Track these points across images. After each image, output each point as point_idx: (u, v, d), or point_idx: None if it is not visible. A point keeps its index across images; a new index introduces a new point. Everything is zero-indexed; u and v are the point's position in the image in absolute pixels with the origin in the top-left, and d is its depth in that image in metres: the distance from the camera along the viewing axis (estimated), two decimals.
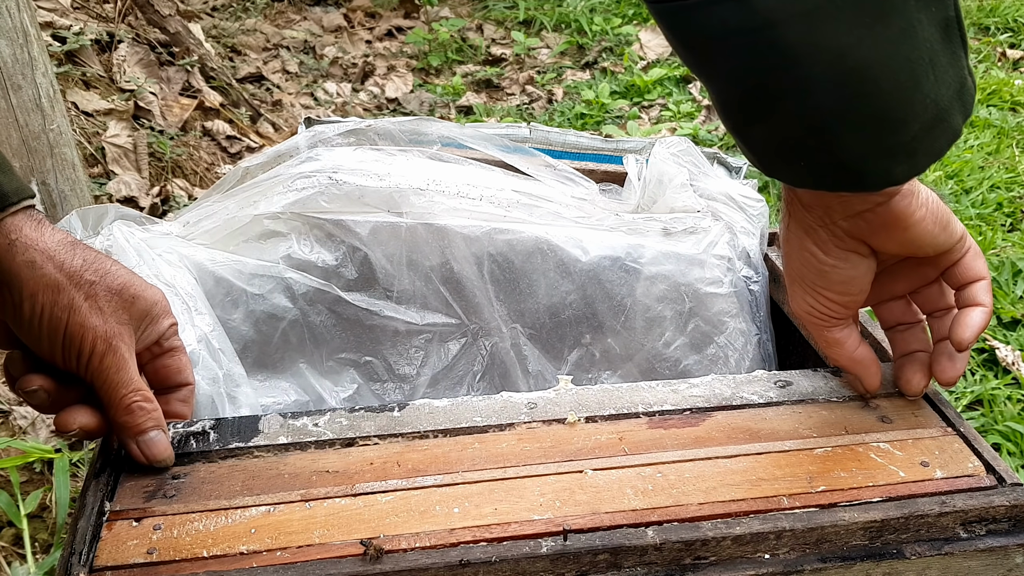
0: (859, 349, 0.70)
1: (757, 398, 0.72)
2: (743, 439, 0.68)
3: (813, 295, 0.67)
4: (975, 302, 0.67)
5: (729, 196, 0.97)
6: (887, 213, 0.62)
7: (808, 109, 0.55)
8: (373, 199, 0.88)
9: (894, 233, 0.63)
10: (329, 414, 0.70)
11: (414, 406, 0.71)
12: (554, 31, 3.31)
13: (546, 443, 0.68)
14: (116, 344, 0.63)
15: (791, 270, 0.68)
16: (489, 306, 0.91)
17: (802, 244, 0.66)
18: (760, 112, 0.57)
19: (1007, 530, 0.62)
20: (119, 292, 0.64)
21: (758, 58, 0.53)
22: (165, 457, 0.64)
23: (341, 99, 2.78)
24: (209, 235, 0.88)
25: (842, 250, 0.65)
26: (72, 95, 2.07)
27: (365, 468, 0.65)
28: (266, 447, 0.67)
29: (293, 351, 0.90)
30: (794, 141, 0.57)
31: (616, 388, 0.73)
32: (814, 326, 0.69)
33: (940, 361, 0.69)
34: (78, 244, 0.64)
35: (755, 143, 0.60)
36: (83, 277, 0.62)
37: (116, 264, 0.65)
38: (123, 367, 0.63)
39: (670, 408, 0.71)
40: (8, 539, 1.19)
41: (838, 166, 0.58)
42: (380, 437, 0.68)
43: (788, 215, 0.67)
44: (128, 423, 0.63)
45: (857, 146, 0.56)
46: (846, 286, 0.66)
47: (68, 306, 0.61)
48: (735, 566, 0.59)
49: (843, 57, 0.52)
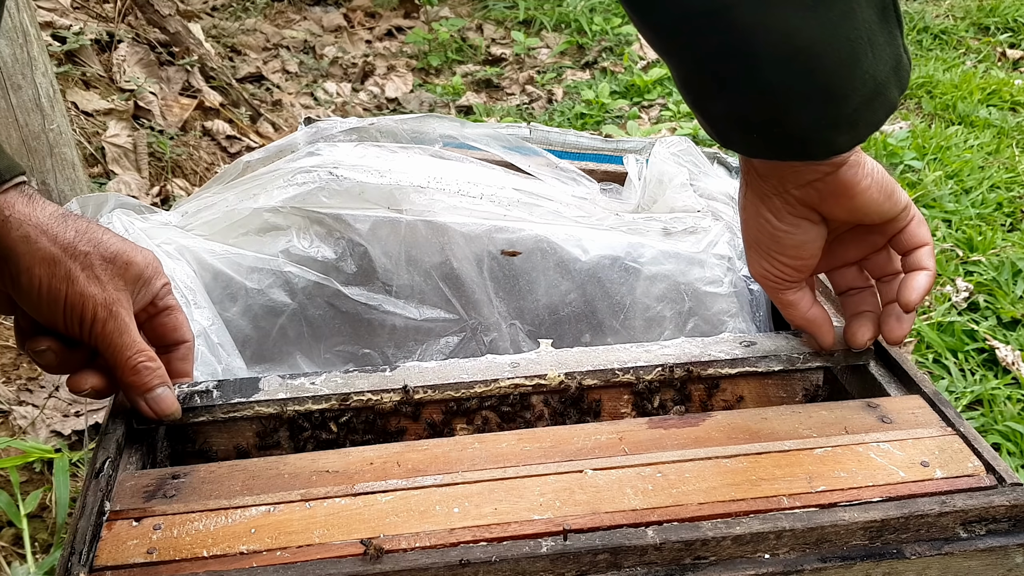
0: (812, 309, 0.75)
1: (724, 355, 0.77)
2: (743, 439, 0.68)
3: (768, 259, 0.73)
4: (920, 266, 0.72)
5: (729, 196, 0.97)
6: (835, 182, 0.67)
7: (759, 84, 0.60)
8: (373, 195, 0.88)
9: (842, 201, 0.68)
10: (325, 375, 0.74)
11: (404, 367, 0.75)
12: (554, 31, 3.31)
13: (546, 443, 0.68)
14: (116, 310, 0.65)
15: (748, 236, 0.74)
16: (488, 303, 0.91)
17: (758, 211, 0.71)
18: (717, 88, 0.62)
19: (1007, 530, 0.62)
20: (113, 259, 0.66)
21: (716, 37, 0.59)
22: (173, 411, 0.68)
23: (341, 99, 2.77)
24: (208, 226, 0.88)
25: (795, 217, 0.70)
26: (72, 95, 2.07)
27: (365, 468, 0.65)
28: (266, 402, 0.71)
29: (291, 344, 0.90)
30: (747, 114, 0.63)
31: (593, 349, 0.78)
32: (770, 288, 0.75)
33: (888, 321, 0.74)
34: (69, 216, 0.66)
35: (713, 117, 0.66)
36: (77, 248, 0.64)
37: (107, 232, 0.67)
38: (125, 330, 0.66)
39: (643, 364, 0.76)
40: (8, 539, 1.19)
41: (787, 137, 0.64)
42: (373, 392, 0.72)
43: (745, 184, 0.72)
44: (135, 382, 0.66)
45: (803, 118, 0.62)
46: (798, 250, 0.71)
47: (66, 277, 0.64)
48: (735, 566, 0.59)
49: (790, 36, 0.57)
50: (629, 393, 0.77)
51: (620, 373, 0.75)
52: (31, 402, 1.38)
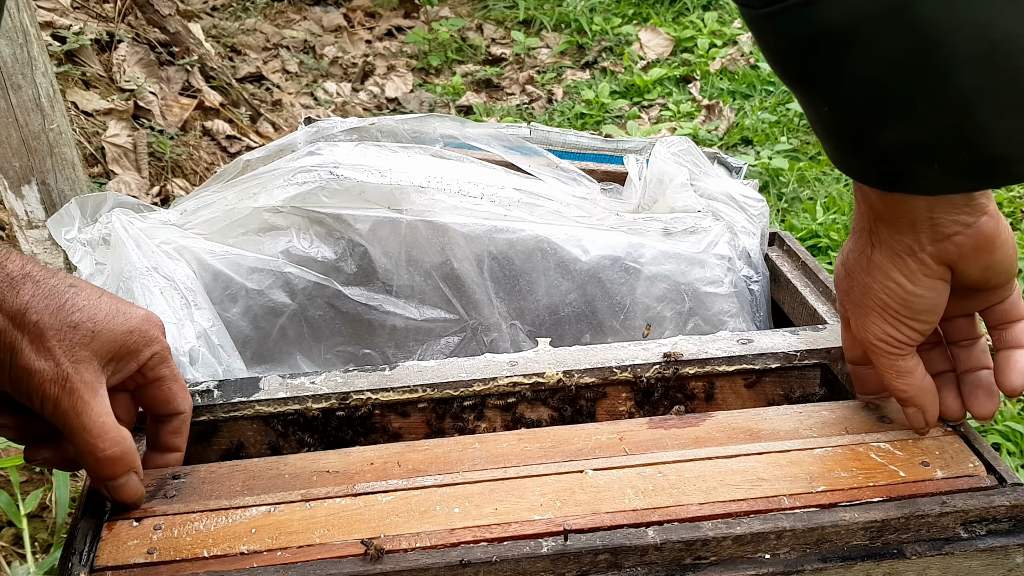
0: (927, 378, 0.67)
1: (722, 353, 0.77)
2: (743, 439, 0.68)
3: (894, 324, 0.65)
4: (1019, 343, 0.65)
5: (730, 196, 0.97)
6: (977, 235, 0.60)
7: (951, 95, 0.51)
8: (374, 195, 0.88)
9: (982, 256, 0.61)
10: (324, 374, 0.74)
11: (403, 366, 0.75)
12: (554, 31, 3.31)
13: (547, 443, 0.68)
14: (72, 386, 0.57)
15: (870, 301, 0.65)
16: (489, 304, 0.91)
17: (888, 275, 0.63)
18: (892, 113, 0.53)
19: (1007, 530, 0.62)
20: (75, 327, 0.58)
21: (892, 46, 0.50)
22: (136, 499, 0.61)
23: (341, 99, 2.77)
24: (207, 225, 0.88)
25: (930, 279, 0.62)
26: (72, 95, 2.07)
27: (365, 468, 0.65)
28: (267, 400, 0.71)
29: (291, 345, 0.90)
30: (932, 138, 0.53)
31: (591, 348, 0.78)
32: (888, 355, 0.66)
33: (976, 395, 0.67)
34: (28, 278, 0.58)
35: (881, 153, 0.56)
36: (26, 317, 0.57)
37: (78, 294, 0.60)
38: (83, 410, 0.58)
39: (641, 363, 0.76)
40: (8, 539, 1.19)
41: (983, 159, 0.54)
42: (373, 391, 0.72)
43: (870, 246, 0.64)
44: (95, 471, 0.60)
45: (1005, 131, 0.53)
46: (928, 314, 0.64)
47: (10, 348, 0.57)
48: (735, 566, 0.59)
49: (987, 29, 0.49)
50: (628, 391, 0.77)
51: (618, 371, 0.75)
52: None
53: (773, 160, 2.25)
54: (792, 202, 2.12)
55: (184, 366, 0.76)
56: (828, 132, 0.58)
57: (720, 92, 2.74)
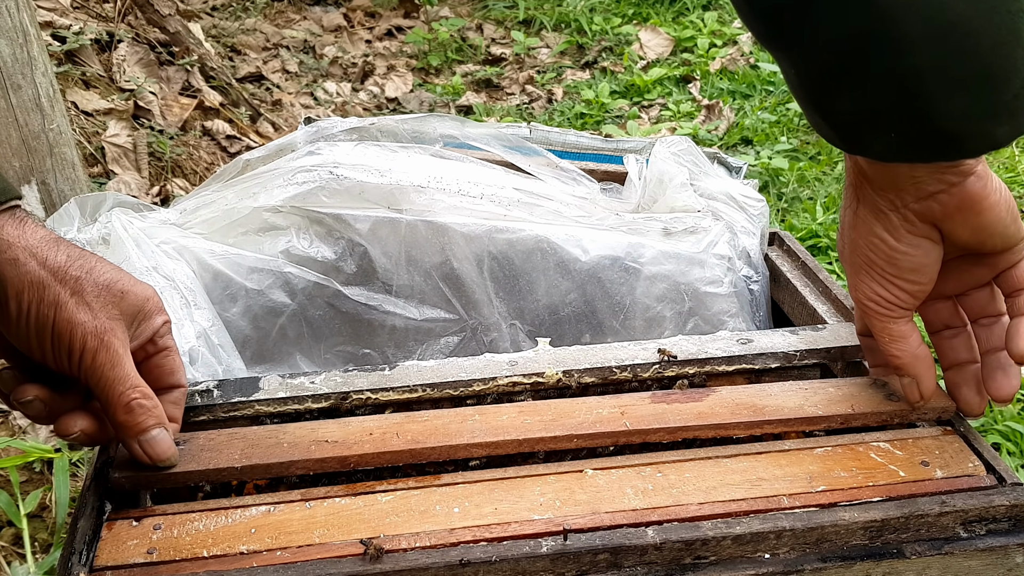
0: (922, 347, 0.66)
1: (721, 352, 0.77)
2: (747, 415, 0.68)
3: (882, 283, 0.65)
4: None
5: (730, 196, 0.97)
6: (962, 194, 0.60)
7: (904, 70, 0.53)
8: (373, 195, 0.88)
9: (968, 217, 0.61)
10: (324, 374, 0.74)
11: (403, 365, 0.75)
12: (554, 31, 3.31)
13: (547, 416, 0.68)
14: (108, 340, 0.60)
15: (858, 257, 0.65)
16: (489, 304, 0.91)
17: (871, 230, 0.64)
18: (849, 80, 0.55)
19: (1007, 530, 0.62)
20: (107, 287, 0.61)
21: (851, 19, 0.51)
22: (169, 456, 0.63)
23: (341, 99, 2.77)
24: (207, 224, 0.88)
25: (914, 236, 0.62)
26: (72, 95, 2.07)
27: (364, 438, 0.65)
28: (266, 400, 0.71)
29: (291, 345, 0.90)
30: (885, 109, 0.55)
31: (591, 347, 0.78)
32: (880, 317, 0.66)
33: (994, 376, 0.66)
34: (61, 241, 0.62)
35: (840, 116, 0.58)
36: (68, 273, 0.60)
37: (102, 260, 0.63)
38: (118, 363, 0.61)
39: (641, 362, 0.75)
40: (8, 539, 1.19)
41: (934, 132, 0.56)
42: (372, 391, 0.72)
43: (856, 200, 0.64)
44: (128, 422, 0.61)
45: (956, 108, 0.54)
46: (916, 274, 0.64)
47: (54, 303, 0.59)
48: (735, 566, 0.59)
49: (942, 11, 0.50)
50: (627, 390, 0.77)
51: (617, 371, 0.75)
52: None
53: (773, 160, 2.25)
54: (792, 202, 2.12)
55: (184, 366, 0.76)
56: (798, 94, 0.60)
57: (720, 92, 2.74)
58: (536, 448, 0.67)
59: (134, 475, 0.63)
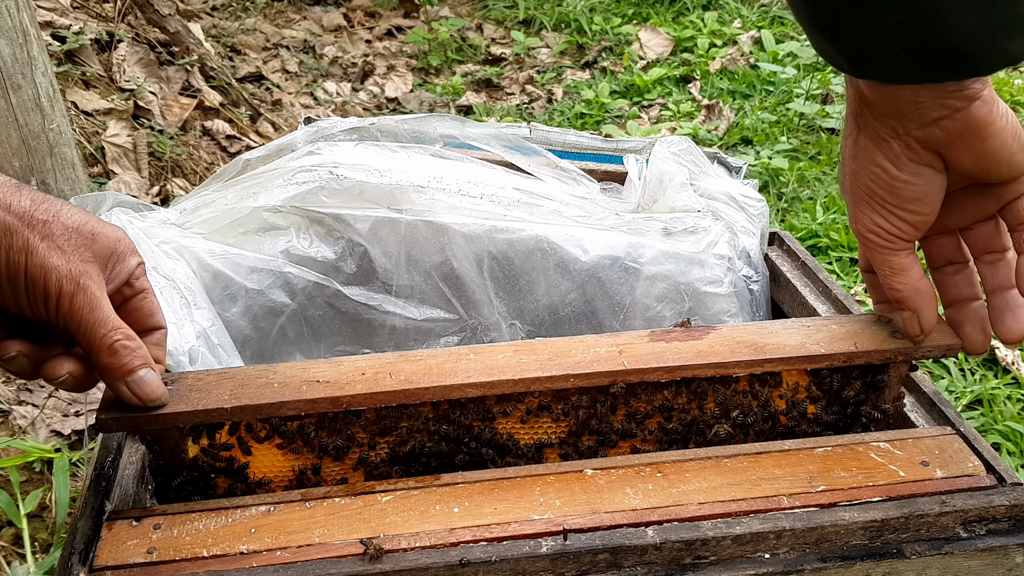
0: (923, 280, 0.64)
1: None
2: (747, 353, 0.67)
3: (882, 214, 0.63)
4: None
5: (729, 196, 0.97)
6: (966, 119, 0.58)
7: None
8: (373, 195, 0.88)
9: (972, 143, 0.59)
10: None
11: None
12: (554, 31, 3.31)
13: (543, 355, 0.67)
14: (84, 283, 0.58)
15: (859, 187, 0.64)
16: (488, 303, 0.91)
17: (872, 159, 0.62)
18: (862, 2, 0.54)
19: (1007, 530, 0.62)
20: (77, 229, 0.59)
21: None
22: (159, 395, 0.61)
23: (341, 98, 2.77)
24: (207, 224, 0.88)
25: (916, 164, 0.61)
26: (72, 95, 2.07)
27: (356, 378, 0.64)
28: None
29: (291, 344, 0.90)
30: (897, 28, 0.54)
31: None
32: (880, 249, 0.64)
33: (1003, 319, 0.64)
34: (23, 186, 0.59)
35: (850, 39, 0.56)
36: (35, 216, 0.58)
37: (67, 203, 0.61)
38: (96, 306, 0.58)
39: None
40: (8, 539, 1.19)
41: (947, 50, 0.54)
42: None
43: (856, 129, 0.63)
44: (113, 364, 0.59)
45: (969, 23, 0.53)
46: (918, 204, 0.62)
47: (24, 248, 0.57)
48: (735, 566, 0.59)
49: None
50: None
51: None
52: (31, 402, 1.38)
53: (773, 160, 2.25)
54: (792, 202, 2.12)
55: (184, 366, 0.76)
56: (803, 17, 0.59)
57: (720, 92, 2.74)
58: (532, 388, 0.65)
59: (121, 416, 0.61)
